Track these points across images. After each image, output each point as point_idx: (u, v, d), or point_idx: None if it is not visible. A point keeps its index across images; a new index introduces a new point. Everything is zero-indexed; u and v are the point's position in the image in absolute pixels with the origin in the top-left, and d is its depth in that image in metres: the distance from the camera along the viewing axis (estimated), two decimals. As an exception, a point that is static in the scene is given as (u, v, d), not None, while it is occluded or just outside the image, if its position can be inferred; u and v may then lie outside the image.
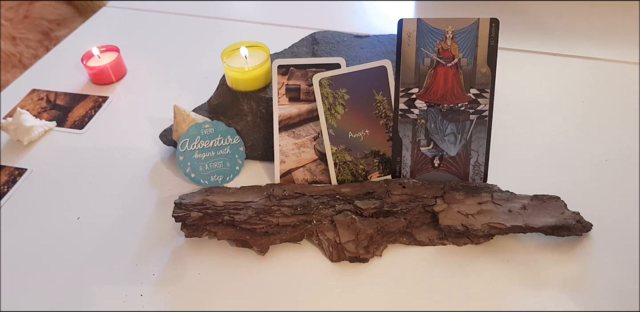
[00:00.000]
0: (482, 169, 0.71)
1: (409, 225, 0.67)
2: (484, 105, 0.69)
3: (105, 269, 0.67)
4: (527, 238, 0.66)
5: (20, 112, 0.86)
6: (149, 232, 0.71)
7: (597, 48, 0.95)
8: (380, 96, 0.71)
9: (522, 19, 1.04)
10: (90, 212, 0.75)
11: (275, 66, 0.72)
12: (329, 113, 0.71)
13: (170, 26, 1.12)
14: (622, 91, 0.86)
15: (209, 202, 0.68)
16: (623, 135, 0.78)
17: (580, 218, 0.64)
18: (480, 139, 0.70)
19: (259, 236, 0.66)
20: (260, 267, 0.66)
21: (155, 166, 0.80)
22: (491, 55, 0.68)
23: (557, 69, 0.92)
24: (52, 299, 0.65)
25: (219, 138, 0.76)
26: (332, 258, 0.65)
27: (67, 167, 0.82)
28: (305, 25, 1.06)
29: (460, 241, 0.66)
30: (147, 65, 1.01)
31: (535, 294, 0.60)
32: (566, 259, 0.63)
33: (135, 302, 0.63)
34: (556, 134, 0.80)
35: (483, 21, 0.67)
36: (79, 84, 0.98)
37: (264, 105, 0.76)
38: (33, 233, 0.73)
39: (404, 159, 0.72)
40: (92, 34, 1.13)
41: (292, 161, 0.74)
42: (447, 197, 0.68)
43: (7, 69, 1.39)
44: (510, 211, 0.65)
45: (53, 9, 1.46)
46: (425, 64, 0.69)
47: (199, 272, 0.66)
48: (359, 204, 0.67)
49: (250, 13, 1.14)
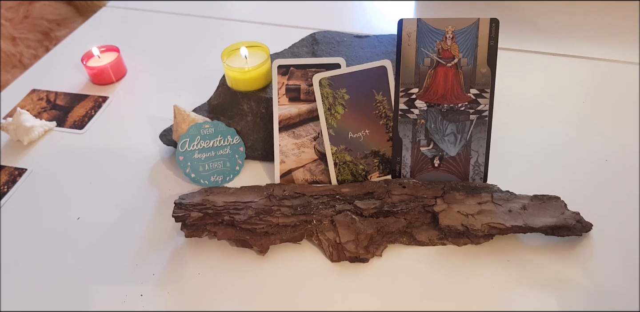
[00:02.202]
0: (482, 169, 0.71)
1: (409, 225, 0.67)
2: (484, 105, 0.69)
3: (105, 269, 0.67)
4: (527, 238, 0.66)
5: (20, 112, 0.86)
6: (149, 232, 0.71)
7: (597, 48, 0.95)
8: (380, 96, 0.71)
9: (522, 19, 1.04)
10: (90, 212, 0.75)
11: (275, 66, 0.72)
12: (329, 113, 0.71)
13: (170, 26, 1.12)
14: (622, 91, 0.86)
15: (209, 202, 0.68)
16: (623, 135, 0.78)
17: (580, 218, 0.64)
18: (480, 139, 0.70)
19: (259, 236, 0.66)
20: (260, 267, 0.66)
21: (155, 166, 0.80)
22: (491, 55, 0.68)
23: (557, 69, 0.92)
24: (52, 299, 0.65)
25: (219, 138, 0.76)
26: (332, 258, 0.65)
27: (67, 167, 0.82)
28: (305, 25, 1.06)
29: (460, 241, 0.66)
30: (147, 65, 1.01)
31: (535, 294, 0.60)
32: (566, 259, 0.63)
33: (135, 302, 0.63)
34: (556, 134, 0.80)
35: (483, 21, 0.67)
36: (79, 84, 0.98)
37: (264, 105, 0.76)
38: (33, 233, 0.73)
39: (404, 159, 0.72)
40: (92, 34, 1.13)
41: (292, 160, 0.74)
42: (447, 197, 0.68)
43: (7, 69, 1.39)
44: (510, 211, 0.65)
45: (53, 9, 1.46)
46: (425, 64, 0.69)
47: (199, 272, 0.66)
48: (359, 204, 0.67)
49: (250, 13, 1.14)
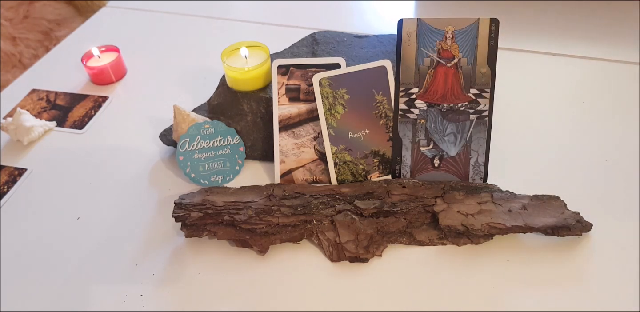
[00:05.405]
0: (482, 169, 0.71)
1: (409, 225, 0.67)
2: (484, 105, 0.69)
3: (105, 269, 0.67)
4: (527, 238, 0.66)
5: (20, 112, 0.86)
6: (149, 232, 0.71)
7: (597, 48, 0.95)
8: (380, 96, 0.71)
9: (522, 19, 1.04)
10: (90, 212, 0.75)
11: (275, 66, 0.72)
12: (329, 113, 0.71)
13: (170, 26, 1.12)
14: (622, 91, 0.86)
15: (209, 202, 0.68)
16: (623, 135, 0.78)
17: (580, 218, 0.64)
18: (480, 139, 0.70)
19: (259, 236, 0.66)
20: (260, 267, 0.66)
21: (155, 166, 0.80)
22: (491, 55, 0.68)
23: (557, 69, 0.92)
24: (52, 299, 0.65)
25: (219, 138, 0.76)
26: (332, 258, 0.65)
27: (67, 167, 0.82)
28: (305, 25, 1.06)
29: (460, 241, 0.66)
30: (147, 65, 1.01)
31: (535, 294, 0.60)
32: (566, 259, 0.63)
33: (135, 302, 0.63)
34: (556, 134, 0.80)
35: (483, 21, 0.67)
36: (79, 84, 0.98)
37: (264, 105, 0.76)
38: (33, 233, 0.73)
39: (404, 159, 0.72)
40: (92, 34, 1.13)
41: (292, 160, 0.74)
42: (447, 197, 0.68)
43: (7, 69, 1.39)
44: (510, 211, 0.65)
45: (53, 9, 1.46)
46: (425, 64, 0.69)
47: (199, 272, 0.66)
48: (359, 204, 0.67)
49: (250, 13, 1.14)
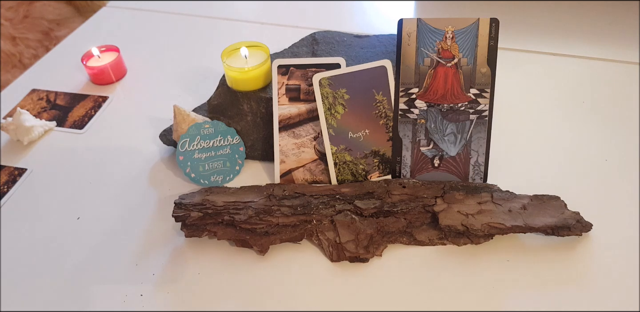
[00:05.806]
0: (482, 169, 0.71)
1: (409, 225, 0.67)
2: (484, 105, 0.69)
3: (105, 269, 0.67)
4: (527, 238, 0.66)
5: (20, 112, 0.86)
6: (149, 232, 0.71)
7: (597, 48, 0.95)
8: (380, 96, 0.71)
9: (522, 19, 1.04)
10: (90, 212, 0.75)
11: (275, 66, 0.72)
12: (329, 113, 0.71)
13: (170, 26, 1.12)
14: (622, 91, 0.86)
15: (209, 202, 0.68)
16: (623, 135, 0.78)
17: (580, 218, 0.64)
18: (480, 139, 0.70)
19: (259, 236, 0.66)
20: (260, 267, 0.66)
21: (155, 166, 0.80)
22: (491, 55, 0.68)
23: (557, 69, 0.92)
24: (52, 299, 0.65)
25: (219, 138, 0.76)
26: (332, 258, 0.65)
27: (67, 167, 0.82)
28: (305, 25, 1.06)
29: (460, 241, 0.66)
30: (147, 65, 1.01)
31: (535, 294, 0.60)
32: (566, 259, 0.63)
33: (135, 302, 0.63)
34: (556, 134, 0.80)
35: (483, 21, 0.67)
36: (79, 84, 0.98)
37: (264, 105, 0.76)
38: (33, 233, 0.73)
39: (404, 159, 0.72)
40: (92, 34, 1.13)
41: (292, 160, 0.74)
42: (447, 197, 0.68)
43: (7, 69, 1.39)
44: (510, 210, 0.65)
45: (53, 9, 1.46)
46: (425, 64, 0.69)
47: (199, 272, 0.66)
48: (359, 204, 0.67)
49: (250, 13, 1.14)
